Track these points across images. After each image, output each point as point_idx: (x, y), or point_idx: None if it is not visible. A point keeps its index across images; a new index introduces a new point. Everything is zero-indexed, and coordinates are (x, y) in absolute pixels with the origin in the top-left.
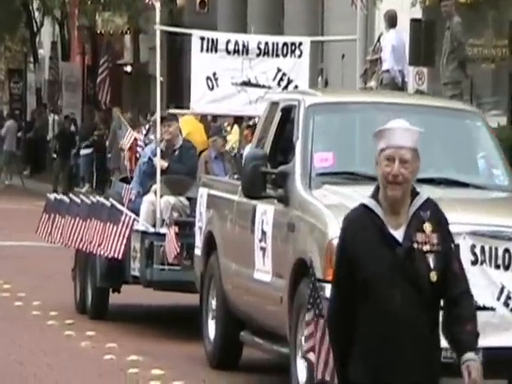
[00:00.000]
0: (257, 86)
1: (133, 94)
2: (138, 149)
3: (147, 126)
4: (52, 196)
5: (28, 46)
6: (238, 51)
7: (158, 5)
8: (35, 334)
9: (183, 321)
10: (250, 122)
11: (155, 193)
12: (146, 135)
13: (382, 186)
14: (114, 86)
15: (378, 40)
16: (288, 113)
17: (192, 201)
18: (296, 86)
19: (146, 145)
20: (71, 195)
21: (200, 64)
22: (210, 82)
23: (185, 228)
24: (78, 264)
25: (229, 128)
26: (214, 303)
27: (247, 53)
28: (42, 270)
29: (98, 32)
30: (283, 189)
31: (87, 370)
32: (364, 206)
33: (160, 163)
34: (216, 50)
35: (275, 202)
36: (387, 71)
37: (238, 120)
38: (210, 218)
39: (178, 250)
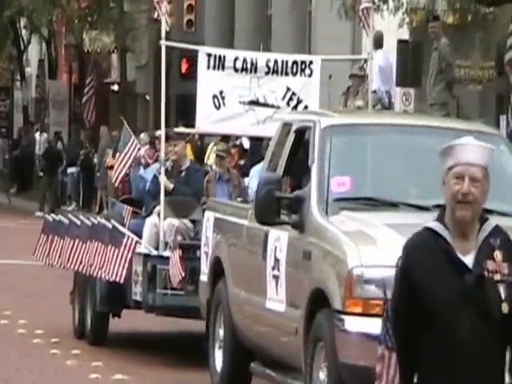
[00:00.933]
0: (265, 105)
1: (120, 112)
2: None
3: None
4: (50, 217)
5: (15, 64)
6: (246, 69)
7: (164, 19)
8: (21, 352)
9: (184, 348)
10: (237, 142)
11: (158, 214)
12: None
13: (450, 207)
14: (100, 104)
15: (365, 61)
16: (302, 134)
17: (196, 223)
18: (306, 107)
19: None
20: (70, 216)
21: (206, 81)
22: (216, 101)
23: (189, 251)
24: (76, 287)
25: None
26: (221, 332)
27: (256, 71)
28: (28, 287)
29: (85, 50)
30: (298, 214)
31: None
32: (429, 230)
33: (166, 184)
34: (223, 68)
35: (289, 228)
36: (374, 92)
37: (224, 139)
38: (218, 242)
39: (183, 274)
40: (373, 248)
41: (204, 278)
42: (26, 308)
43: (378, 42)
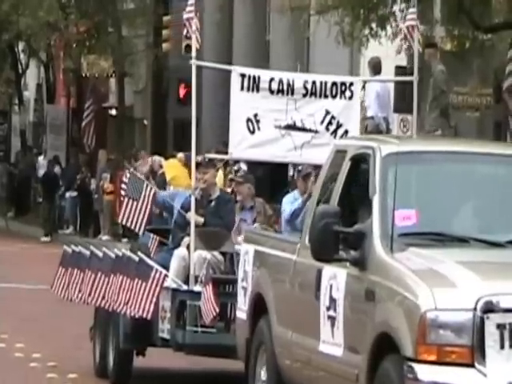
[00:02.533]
0: (302, 129)
1: (117, 136)
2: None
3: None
4: (70, 248)
5: (13, 88)
6: (282, 91)
7: (194, 37)
8: (18, 376)
9: None
10: (235, 167)
11: (187, 247)
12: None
13: None
14: (98, 128)
15: (363, 87)
16: (359, 163)
17: (227, 256)
18: (346, 131)
19: None
20: (92, 247)
21: (240, 104)
22: (250, 125)
23: (222, 286)
24: (97, 323)
25: None
26: (263, 374)
27: (292, 93)
28: (24, 311)
29: (83, 75)
30: (359, 251)
31: None
32: None
33: (195, 219)
34: (258, 89)
35: (347, 265)
36: (371, 118)
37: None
38: (259, 278)
39: (217, 310)
40: (447, 289)
41: (242, 315)
42: (23, 332)
43: (376, 69)
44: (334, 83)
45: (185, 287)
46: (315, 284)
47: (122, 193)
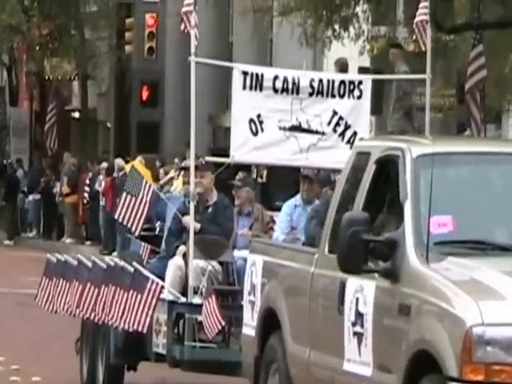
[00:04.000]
0: (309, 131)
1: (81, 139)
2: None
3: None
4: (53, 257)
5: None
6: (287, 89)
7: (193, 32)
8: None
9: None
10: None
11: (183, 255)
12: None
13: None
14: (62, 131)
15: None
16: (386, 165)
17: (224, 266)
18: (355, 133)
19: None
20: (79, 256)
21: (242, 104)
22: (253, 126)
23: (223, 298)
24: (85, 336)
25: (176, 174)
26: None
27: (298, 92)
28: None
29: (46, 78)
30: (390, 261)
31: None
32: None
33: (192, 224)
34: (261, 88)
35: (376, 276)
36: None
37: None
38: (270, 291)
39: (223, 323)
40: (494, 302)
41: (249, 331)
42: None
43: (343, 69)
44: (342, 82)
45: (183, 299)
46: (338, 298)
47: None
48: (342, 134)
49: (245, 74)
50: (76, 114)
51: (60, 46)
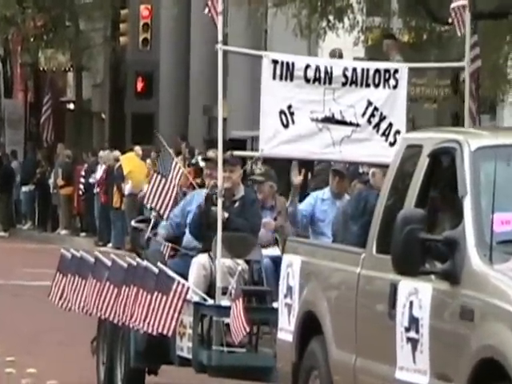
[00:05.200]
0: (342, 123)
1: (75, 131)
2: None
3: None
4: (68, 253)
5: None
6: (319, 79)
7: (220, 19)
8: None
9: None
10: (193, 161)
11: (207, 252)
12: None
13: None
14: (56, 123)
15: None
16: (441, 159)
17: (251, 264)
18: (390, 124)
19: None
20: (97, 254)
21: (272, 94)
22: (284, 118)
23: (251, 300)
24: (102, 336)
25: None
26: None
27: (330, 81)
28: None
29: (41, 69)
30: (449, 261)
31: None
32: None
33: (220, 220)
34: (292, 78)
35: (432, 278)
36: None
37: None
38: (310, 294)
39: (248, 328)
40: None
41: (286, 336)
42: None
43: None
44: (377, 70)
45: (210, 301)
46: (389, 301)
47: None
48: (377, 126)
49: (275, 62)
50: (71, 106)
51: (55, 37)
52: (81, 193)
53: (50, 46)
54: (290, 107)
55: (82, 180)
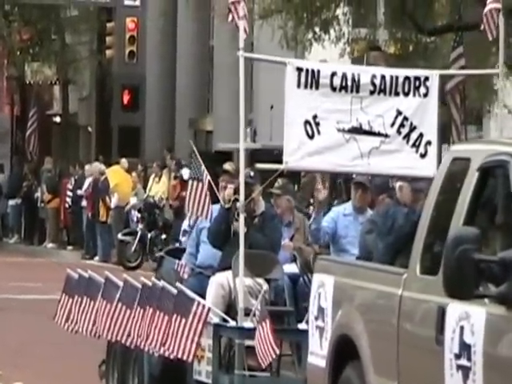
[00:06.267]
0: (370, 133)
1: (62, 144)
2: None
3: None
4: (75, 273)
5: None
6: (345, 87)
7: (242, 24)
8: None
9: None
10: (178, 174)
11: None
12: None
13: None
14: (43, 136)
15: None
16: (492, 173)
17: (272, 283)
18: (421, 135)
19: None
20: (108, 274)
21: (296, 104)
22: (309, 128)
23: (277, 321)
24: (111, 360)
25: (157, 178)
26: None
27: (358, 90)
28: None
29: (27, 82)
30: (507, 284)
31: None
32: None
33: (242, 236)
34: (317, 86)
35: (485, 302)
36: None
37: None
38: (345, 317)
39: (277, 352)
40: None
41: (317, 361)
42: None
43: None
44: (407, 78)
45: (232, 323)
46: (436, 326)
47: (186, 177)
48: (407, 137)
49: (299, 70)
50: (57, 119)
51: (41, 50)
52: (67, 206)
53: (36, 59)
54: (315, 117)
55: (69, 193)
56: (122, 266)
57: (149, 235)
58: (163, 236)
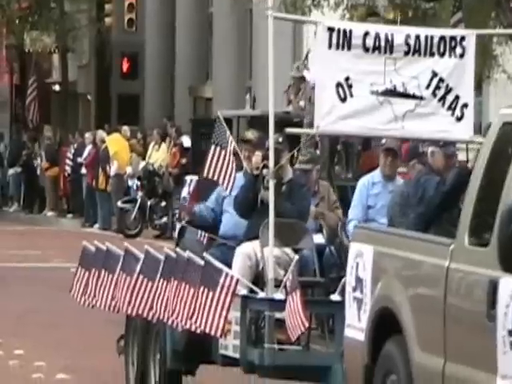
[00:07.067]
0: (405, 96)
1: (61, 112)
2: None
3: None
4: (92, 245)
5: None
6: (379, 48)
7: None
8: None
9: None
10: (178, 141)
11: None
12: None
13: None
14: (42, 104)
15: (306, 57)
16: None
17: (300, 253)
18: (457, 97)
19: None
20: (127, 246)
21: (328, 65)
22: (341, 91)
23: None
24: (131, 335)
25: (156, 146)
26: None
27: (392, 50)
28: None
29: (26, 51)
30: None
31: None
32: None
33: (266, 196)
34: (350, 47)
35: None
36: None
37: (165, 138)
38: (386, 289)
39: (307, 324)
40: None
41: (355, 334)
42: None
43: None
44: (442, 38)
45: (262, 294)
46: (487, 300)
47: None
48: (443, 99)
49: (331, 30)
50: (56, 87)
51: (40, 19)
52: (67, 174)
53: (35, 27)
54: (347, 79)
55: (69, 161)
56: (122, 233)
57: (148, 203)
58: (163, 203)
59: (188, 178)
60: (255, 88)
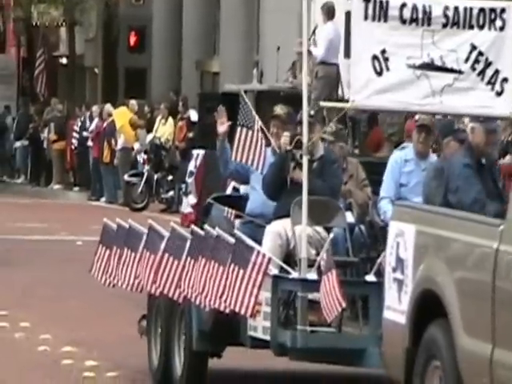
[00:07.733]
0: (443, 69)
1: (68, 85)
2: None
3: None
4: (113, 223)
5: None
6: (416, 20)
7: None
8: None
9: None
10: (185, 115)
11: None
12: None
13: None
14: (49, 77)
15: (314, 32)
16: None
17: (331, 232)
18: (497, 71)
19: None
20: (152, 223)
21: (364, 38)
22: (377, 64)
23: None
24: (153, 315)
25: (163, 120)
26: None
27: (429, 22)
28: None
29: (34, 24)
30: None
31: (21, 362)
32: None
33: (297, 175)
34: (386, 18)
35: None
36: (322, 63)
37: (172, 112)
38: (429, 270)
39: (344, 305)
40: None
41: (396, 316)
42: None
43: (330, 14)
44: (482, 10)
45: (294, 274)
46: None
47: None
48: (482, 73)
49: (366, 1)
50: (64, 61)
51: None
52: (74, 147)
53: (42, 0)
54: (383, 52)
55: (76, 135)
56: (129, 207)
57: (155, 176)
58: (169, 177)
59: (195, 151)
60: (262, 62)
